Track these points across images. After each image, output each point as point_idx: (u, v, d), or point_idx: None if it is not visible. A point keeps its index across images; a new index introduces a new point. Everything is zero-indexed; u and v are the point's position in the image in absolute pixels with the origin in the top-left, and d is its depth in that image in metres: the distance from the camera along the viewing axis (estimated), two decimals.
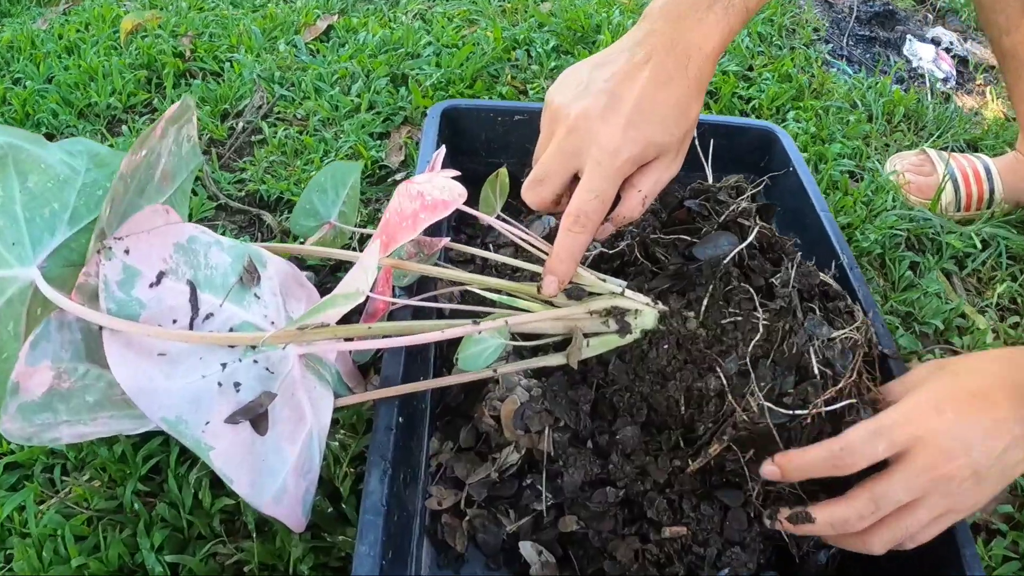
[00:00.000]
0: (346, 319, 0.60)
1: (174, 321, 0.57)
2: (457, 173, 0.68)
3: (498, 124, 1.05)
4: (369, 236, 0.93)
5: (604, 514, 0.68)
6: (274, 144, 1.25)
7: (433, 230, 0.90)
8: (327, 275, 1.01)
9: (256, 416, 0.56)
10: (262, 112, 1.34)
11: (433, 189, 0.63)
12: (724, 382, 0.65)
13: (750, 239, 0.70)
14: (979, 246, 1.16)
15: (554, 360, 0.68)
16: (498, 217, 0.75)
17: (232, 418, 0.55)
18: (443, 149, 0.74)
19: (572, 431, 0.70)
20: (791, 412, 0.63)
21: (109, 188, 0.56)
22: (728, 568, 0.65)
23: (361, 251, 0.68)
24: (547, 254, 0.66)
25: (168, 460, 0.77)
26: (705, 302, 0.68)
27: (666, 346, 0.67)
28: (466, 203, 0.66)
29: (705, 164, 0.81)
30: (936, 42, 1.81)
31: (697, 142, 0.79)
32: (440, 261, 0.90)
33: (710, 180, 0.80)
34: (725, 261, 0.68)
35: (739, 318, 0.67)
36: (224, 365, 0.56)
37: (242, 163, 1.23)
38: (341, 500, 0.75)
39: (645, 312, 0.68)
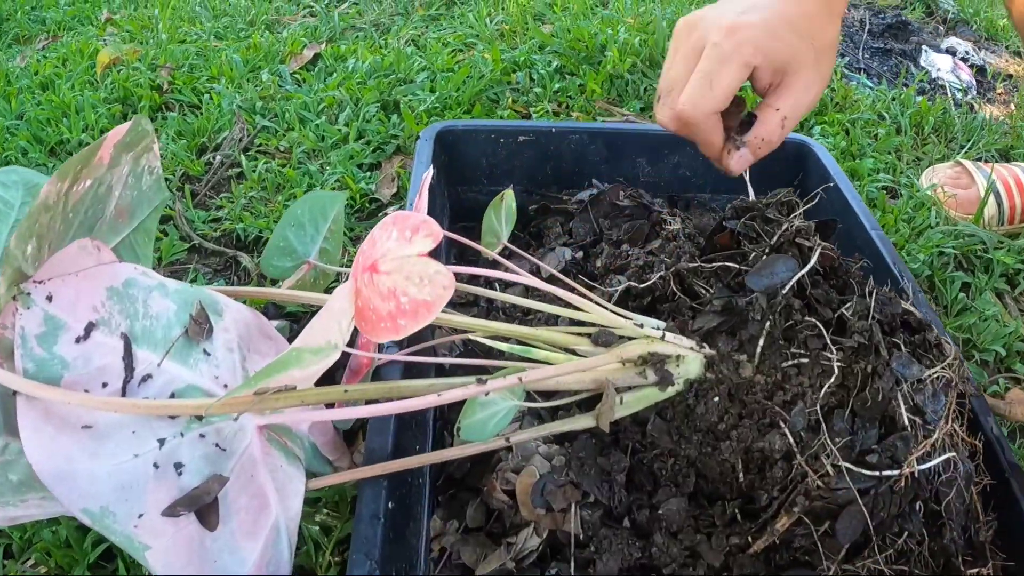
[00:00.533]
0: (328, 375, 0.48)
1: (104, 385, 0.46)
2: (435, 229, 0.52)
3: (500, 147, 0.94)
4: None
5: None
6: (253, 179, 1.14)
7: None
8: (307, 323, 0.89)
9: (203, 507, 0.44)
10: (242, 145, 1.23)
11: (409, 284, 0.45)
12: (791, 440, 0.53)
13: (812, 262, 0.58)
14: None
15: (581, 423, 0.55)
16: (504, 251, 0.64)
17: (171, 510, 0.43)
18: (430, 172, 0.61)
19: (604, 507, 0.57)
20: (878, 474, 0.51)
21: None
22: None
23: None
24: (559, 300, 0.55)
25: None
26: (762, 342, 0.55)
27: (716, 399, 0.55)
28: (467, 233, 0.54)
29: (745, 179, 0.70)
30: (952, 52, 1.76)
31: None
32: None
33: (751, 197, 0.69)
34: (784, 291, 0.56)
35: (805, 360, 0.54)
36: (162, 441, 0.44)
37: (219, 200, 1.12)
38: None
39: (689, 358, 0.56)
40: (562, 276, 0.67)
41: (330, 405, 0.51)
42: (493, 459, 0.62)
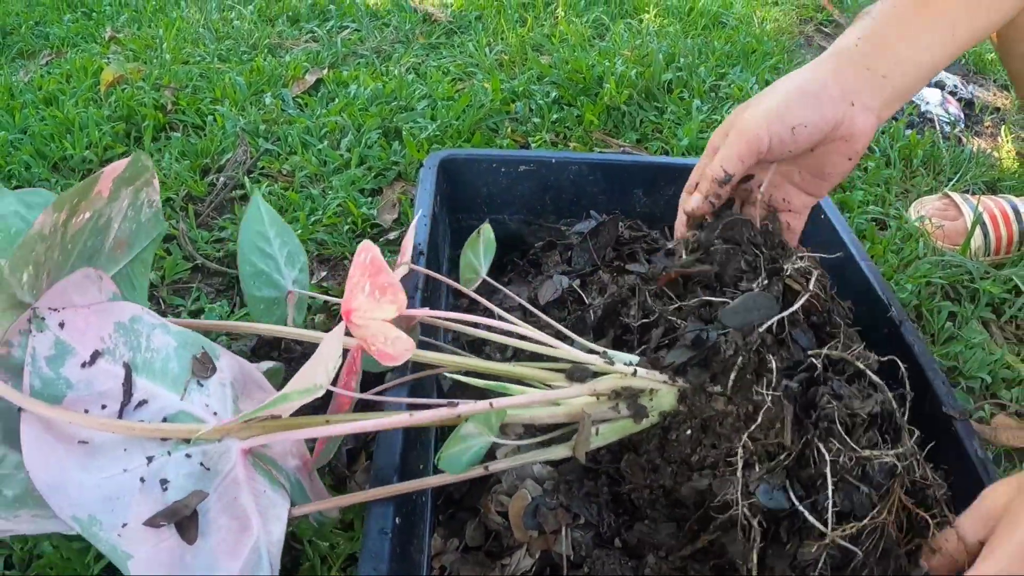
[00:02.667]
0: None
1: (103, 407, 0.49)
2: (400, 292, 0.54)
3: (501, 176, 0.96)
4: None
5: None
6: None
7: (432, 299, 0.80)
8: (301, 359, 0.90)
9: (183, 519, 0.46)
10: (245, 167, 1.25)
11: (376, 340, 0.52)
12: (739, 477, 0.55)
13: (794, 308, 0.60)
14: (1013, 290, 1.10)
15: (558, 452, 0.57)
16: (485, 290, 0.66)
17: (152, 520, 0.45)
18: (419, 215, 0.64)
19: (595, 529, 0.59)
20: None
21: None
22: None
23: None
24: (525, 337, 0.59)
25: None
26: (733, 375, 0.57)
27: (689, 431, 0.57)
28: None
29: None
30: (941, 86, 1.79)
31: None
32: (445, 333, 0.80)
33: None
34: (760, 329, 0.58)
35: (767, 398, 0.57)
36: (150, 459, 0.47)
37: (222, 221, 1.14)
38: None
39: (662, 392, 0.58)
40: (540, 313, 0.69)
41: None
42: (490, 480, 0.64)
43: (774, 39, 1.88)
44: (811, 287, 0.63)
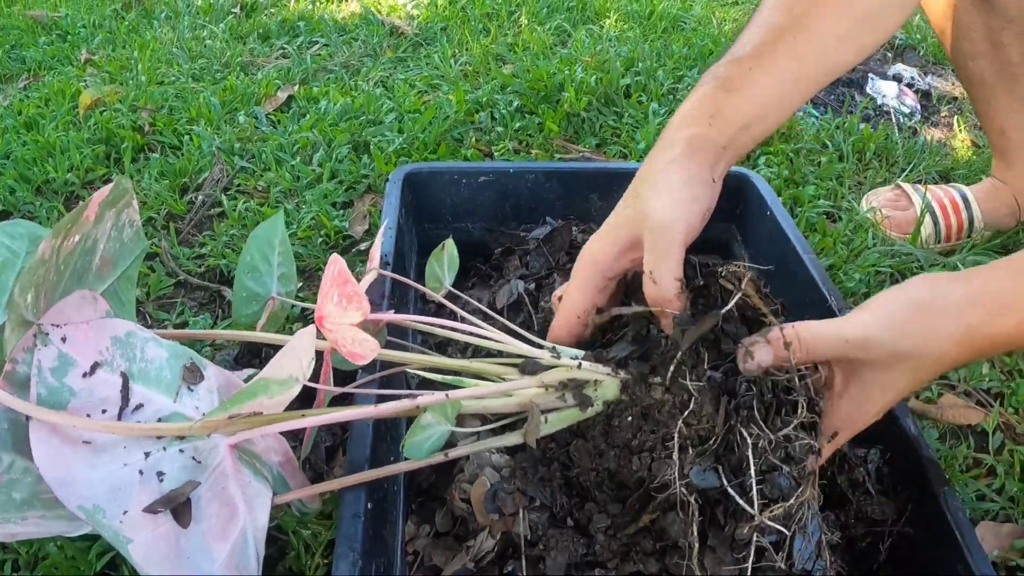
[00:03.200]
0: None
1: (104, 411, 0.55)
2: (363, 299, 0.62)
3: (463, 187, 1.03)
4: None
5: None
6: (234, 217, 1.22)
7: (401, 304, 0.87)
8: None
9: (178, 506, 0.52)
10: (222, 185, 1.31)
11: (345, 342, 0.60)
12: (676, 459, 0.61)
13: (728, 307, 0.67)
14: None
15: (511, 439, 0.63)
16: (449, 295, 0.73)
17: (151, 507, 0.51)
18: (382, 230, 0.71)
19: (549, 510, 0.66)
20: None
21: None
22: None
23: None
24: (483, 336, 0.65)
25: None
26: (672, 368, 0.64)
27: (630, 418, 0.64)
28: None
29: None
30: (898, 78, 1.85)
31: None
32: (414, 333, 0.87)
33: None
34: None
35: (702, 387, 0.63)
36: (148, 454, 0.53)
37: (202, 237, 1.20)
38: None
39: (606, 382, 0.64)
40: (497, 316, 0.76)
41: None
42: (455, 470, 0.71)
43: (732, 39, 1.94)
44: (743, 287, 0.70)
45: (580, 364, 0.64)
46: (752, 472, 0.60)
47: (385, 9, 2.08)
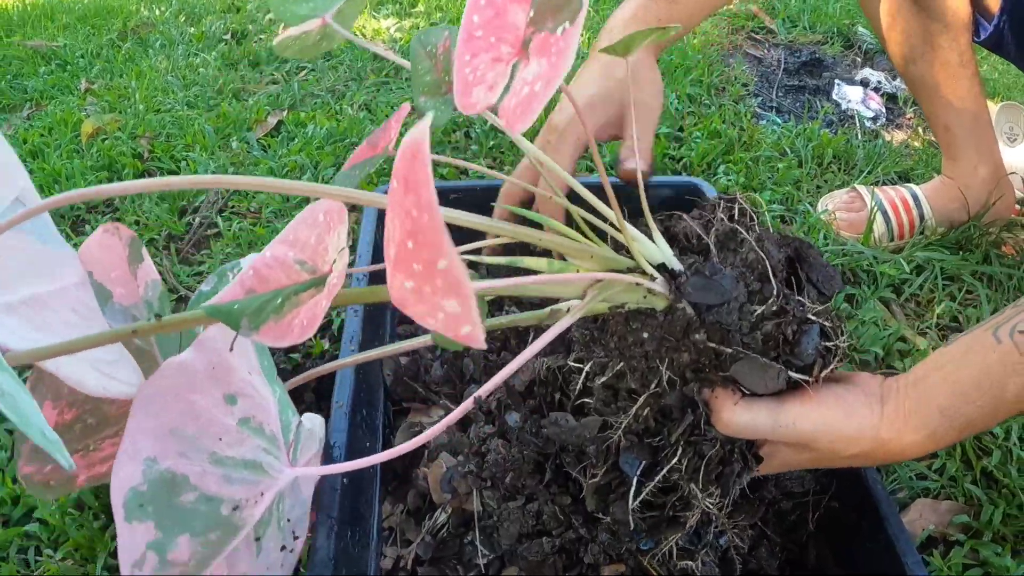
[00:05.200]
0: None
1: None
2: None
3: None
4: None
5: (543, 563, 0.74)
6: (229, 237, 1.33)
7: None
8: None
9: None
10: (217, 207, 1.42)
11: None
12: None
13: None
14: (913, 271, 1.22)
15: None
16: None
17: None
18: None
19: (500, 490, 0.76)
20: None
21: None
22: None
23: None
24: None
25: None
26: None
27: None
28: None
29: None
30: (865, 83, 1.91)
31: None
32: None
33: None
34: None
35: None
36: None
37: (200, 256, 1.31)
38: (301, 565, 0.80)
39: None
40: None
41: None
42: (422, 456, 0.81)
43: (701, 52, 2.04)
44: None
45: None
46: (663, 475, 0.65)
47: (369, 33, 2.19)
